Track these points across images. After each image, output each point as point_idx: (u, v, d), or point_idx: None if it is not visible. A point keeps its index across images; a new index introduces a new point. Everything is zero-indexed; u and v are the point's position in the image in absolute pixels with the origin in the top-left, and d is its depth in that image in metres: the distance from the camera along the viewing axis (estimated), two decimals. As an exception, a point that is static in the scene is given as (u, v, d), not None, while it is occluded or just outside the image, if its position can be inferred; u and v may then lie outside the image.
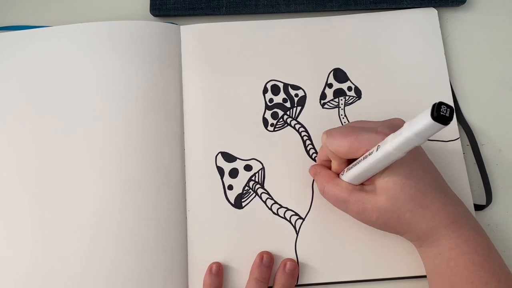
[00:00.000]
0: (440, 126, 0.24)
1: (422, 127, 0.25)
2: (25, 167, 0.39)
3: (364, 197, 0.32)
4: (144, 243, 0.37)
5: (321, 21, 0.44)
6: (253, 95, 0.41)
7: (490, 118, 0.41)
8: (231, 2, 0.44)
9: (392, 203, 0.31)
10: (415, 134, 0.26)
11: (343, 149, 0.31)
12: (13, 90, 0.41)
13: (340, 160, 0.33)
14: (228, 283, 0.37)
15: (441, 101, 0.24)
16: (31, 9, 0.46)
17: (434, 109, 0.24)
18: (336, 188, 0.33)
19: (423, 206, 0.31)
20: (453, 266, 0.31)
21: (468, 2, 0.45)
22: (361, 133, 0.31)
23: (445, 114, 0.24)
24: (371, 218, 0.32)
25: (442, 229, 0.31)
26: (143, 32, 0.42)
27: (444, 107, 0.24)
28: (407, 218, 0.31)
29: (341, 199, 0.33)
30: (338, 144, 0.32)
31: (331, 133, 0.32)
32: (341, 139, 0.32)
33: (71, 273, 0.36)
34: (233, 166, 0.40)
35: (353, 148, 0.31)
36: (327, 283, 0.37)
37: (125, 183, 0.38)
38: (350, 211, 0.33)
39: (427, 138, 0.26)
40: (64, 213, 0.37)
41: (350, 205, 0.33)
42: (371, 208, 0.32)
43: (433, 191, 0.31)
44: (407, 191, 0.31)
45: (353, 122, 0.35)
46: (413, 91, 0.41)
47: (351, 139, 0.31)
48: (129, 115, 0.40)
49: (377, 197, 0.31)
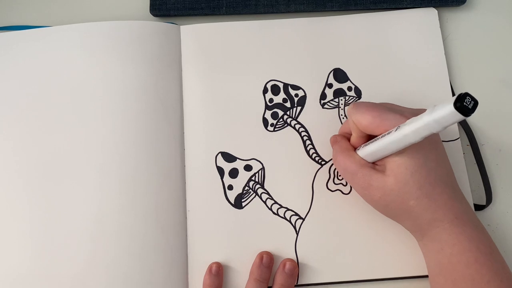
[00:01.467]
0: (461, 117, 0.24)
1: (443, 114, 0.25)
2: (25, 167, 0.39)
3: (372, 174, 0.32)
4: (144, 243, 0.37)
5: (321, 21, 0.44)
6: (253, 95, 0.41)
7: (490, 118, 0.41)
8: (231, 2, 0.44)
9: (399, 187, 0.31)
10: (434, 120, 0.26)
11: (365, 122, 0.32)
12: (13, 90, 0.41)
13: (360, 133, 0.34)
14: (228, 283, 0.37)
15: (467, 92, 0.24)
16: (31, 9, 0.46)
17: (459, 98, 0.24)
18: (348, 159, 0.34)
19: (430, 197, 0.31)
20: (455, 263, 0.31)
21: (468, 2, 0.45)
22: (386, 112, 0.31)
23: (468, 105, 0.24)
24: (374, 196, 0.32)
25: (446, 223, 0.31)
26: (143, 32, 0.42)
27: (469, 99, 0.24)
28: (410, 205, 0.31)
29: (350, 170, 0.33)
30: (361, 116, 0.32)
31: (358, 105, 0.33)
32: (366, 112, 0.32)
33: (71, 273, 0.36)
34: (233, 166, 0.40)
35: (374, 123, 0.31)
36: (327, 283, 0.37)
37: (125, 183, 0.38)
38: (356, 184, 0.33)
39: (446, 126, 0.26)
40: (64, 213, 0.37)
41: (357, 178, 0.33)
42: (376, 186, 0.32)
43: (443, 185, 0.31)
44: (417, 178, 0.31)
45: (385, 103, 0.35)
46: (413, 91, 0.41)
47: (375, 114, 0.31)
48: (129, 115, 0.40)
49: (386, 177, 0.31)
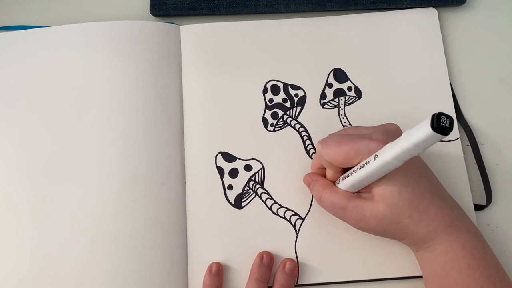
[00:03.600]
0: (440, 137, 0.24)
1: (421, 137, 0.24)
2: (25, 167, 0.39)
3: (362, 204, 0.32)
4: (144, 243, 0.37)
5: (321, 21, 0.44)
6: (253, 95, 0.41)
7: (490, 118, 0.41)
8: (231, 2, 0.44)
9: (391, 210, 0.31)
10: (414, 144, 0.25)
11: (339, 158, 0.31)
12: (13, 90, 0.41)
13: (335, 169, 0.33)
14: (228, 283, 0.37)
15: (440, 112, 0.24)
16: (31, 9, 0.46)
17: (434, 119, 0.23)
18: (334, 195, 0.33)
19: (420, 211, 0.31)
20: (448, 270, 0.31)
21: (468, 2, 0.45)
22: (356, 141, 0.31)
23: (445, 124, 0.23)
24: (370, 225, 0.32)
25: (439, 234, 0.31)
26: (143, 32, 0.42)
27: (444, 118, 0.23)
28: (405, 223, 0.31)
29: (339, 206, 0.33)
30: (333, 154, 0.32)
31: (326, 143, 0.32)
32: (337, 148, 0.31)
33: (71, 273, 0.36)
34: (233, 166, 0.40)
35: (349, 157, 0.31)
36: (327, 283, 0.37)
37: (125, 183, 0.38)
38: (349, 218, 0.33)
39: (426, 148, 0.25)
40: (64, 213, 0.37)
41: (349, 212, 0.32)
42: (370, 215, 0.32)
43: (429, 195, 0.31)
44: (405, 197, 0.31)
45: (347, 129, 0.35)
46: (413, 91, 0.41)
47: (347, 148, 0.31)
48: (129, 115, 0.40)
49: (375, 204, 0.31)
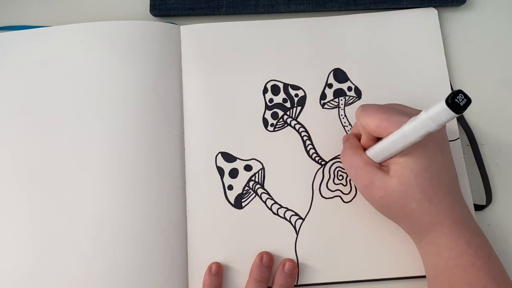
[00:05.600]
0: (452, 114, 0.24)
1: (436, 111, 0.25)
2: (24, 167, 0.39)
3: (376, 173, 0.32)
4: (144, 243, 0.37)
5: (321, 21, 0.44)
6: (253, 95, 0.41)
7: (490, 118, 0.41)
8: (231, 2, 0.44)
9: (402, 189, 0.31)
10: (429, 117, 0.26)
11: (373, 125, 0.31)
12: (13, 90, 0.41)
13: (369, 136, 0.33)
14: (228, 283, 0.37)
15: (460, 90, 0.24)
16: (31, 9, 0.46)
17: (451, 95, 0.24)
18: (355, 155, 0.34)
19: (431, 201, 0.31)
20: (452, 267, 0.31)
21: (468, 2, 0.45)
22: (394, 114, 0.31)
23: (459, 102, 0.24)
24: (375, 196, 0.32)
25: (445, 228, 0.31)
26: (143, 32, 0.42)
27: (461, 96, 0.24)
28: (412, 207, 0.31)
29: (355, 165, 0.33)
30: (368, 120, 0.32)
31: (366, 108, 0.33)
32: (373, 115, 0.32)
33: (71, 273, 0.36)
34: (233, 166, 0.40)
35: (382, 126, 0.31)
36: (327, 283, 0.37)
37: (125, 183, 0.38)
38: (358, 181, 0.33)
39: (441, 124, 0.26)
40: (64, 213, 0.37)
41: (360, 174, 0.33)
42: (379, 185, 0.32)
43: (446, 190, 0.31)
44: (421, 182, 0.31)
45: (394, 104, 0.35)
46: (413, 91, 0.41)
47: (382, 117, 0.31)
48: (129, 115, 0.40)
49: (389, 178, 0.31)
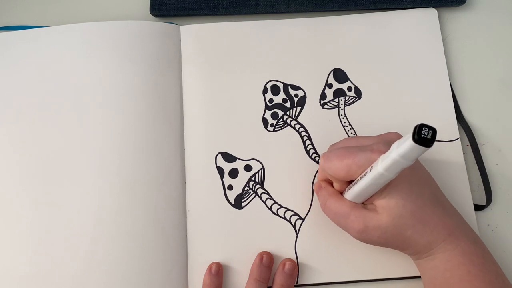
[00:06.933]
0: (423, 149, 0.24)
1: (406, 149, 0.25)
2: (24, 167, 0.39)
3: (366, 214, 0.32)
4: (144, 243, 0.37)
5: (321, 21, 0.44)
6: (253, 95, 0.41)
7: (490, 118, 0.41)
8: (231, 2, 0.44)
9: (395, 222, 0.31)
10: (401, 156, 0.25)
11: (341, 172, 0.31)
12: (13, 90, 0.41)
13: (340, 182, 0.33)
14: (228, 283, 0.37)
15: (422, 123, 0.23)
16: (31, 9, 0.46)
17: (416, 131, 0.23)
18: (338, 202, 0.33)
19: (423, 221, 0.31)
20: (448, 277, 0.31)
21: (468, 2, 0.45)
22: (357, 154, 0.31)
23: (426, 136, 0.23)
24: (372, 237, 0.32)
25: (440, 243, 0.31)
26: (143, 32, 0.42)
27: (426, 129, 0.23)
28: (409, 234, 0.31)
29: (342, 213, 0.33)
30: (335, 168, 0.32)
31: (328, 157, 0.32)
32: (338, 162, 0.31)
33: (71, 273, 0.36)
34: (233, 166, 0.40)
35: (351, 171, 0.31)
36: (327, 283, 0.37)
37: (125, 183, 0.38)
38: (351, 228, 0.32)
39: (414, 159, 0.25)
40: (64, 213, 0.37)
41: (351, 221, 0.32)
42: (373, 226, 0.31)
43: (431, 205, 0.31)
44: (409, 208, 0.31)
45: (348, 140, 0.35)
46: (413, 91, 0.41)
47: (348, 162, 0.31)
48: (129, 115, 0.40)
49: (379, 216, 0.31)
